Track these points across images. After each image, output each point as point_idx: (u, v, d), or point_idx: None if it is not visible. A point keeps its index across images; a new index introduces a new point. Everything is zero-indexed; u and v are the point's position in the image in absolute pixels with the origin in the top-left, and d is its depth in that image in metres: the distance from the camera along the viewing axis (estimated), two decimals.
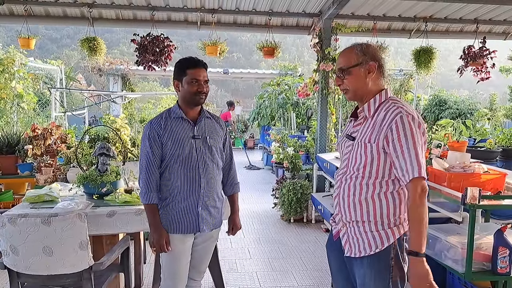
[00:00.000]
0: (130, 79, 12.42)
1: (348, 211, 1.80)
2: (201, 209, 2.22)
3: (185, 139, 2.19)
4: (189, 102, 2.22)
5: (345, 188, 1.81)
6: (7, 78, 6.93)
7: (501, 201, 2.50)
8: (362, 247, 1.77)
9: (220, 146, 2.34)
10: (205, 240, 2.32)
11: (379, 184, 1.74)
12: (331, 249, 2.00)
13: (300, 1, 4.94)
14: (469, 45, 5.52)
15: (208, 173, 2.24)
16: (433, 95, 11.62)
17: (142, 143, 2.21)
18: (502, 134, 5.19)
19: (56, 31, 32.72)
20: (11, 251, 2.22)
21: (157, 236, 2.14)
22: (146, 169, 2.16)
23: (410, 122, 1.66)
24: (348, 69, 1.78)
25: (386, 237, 1.73)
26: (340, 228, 1.87)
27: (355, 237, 1.79)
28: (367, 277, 1.77)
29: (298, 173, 5.79)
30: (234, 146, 13.24)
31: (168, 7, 5.11)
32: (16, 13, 5.24)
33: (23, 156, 4.38)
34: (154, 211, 2.17)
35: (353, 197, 1.78)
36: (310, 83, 5.55)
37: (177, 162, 2.17)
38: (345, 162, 1.84)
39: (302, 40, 32.96)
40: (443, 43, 24.08)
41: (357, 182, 1.77)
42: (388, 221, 1.74)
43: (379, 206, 1.74)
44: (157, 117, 2.25)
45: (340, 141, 1.95)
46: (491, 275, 2.39)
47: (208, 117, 2.33)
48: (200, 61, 2.23)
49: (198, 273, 2.40)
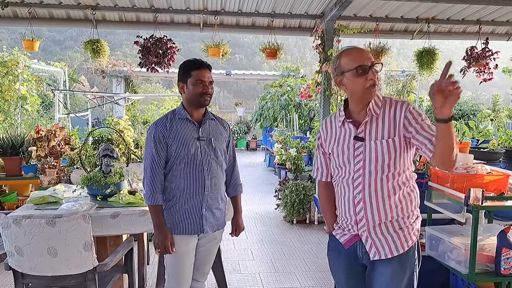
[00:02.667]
0: (133, 80, 12.47)
1: (378, 214, 1.76)
2: (205, 211, 2.23)
3: (190, 141, 2.20)
4: (194, 104, 2.22)
5: (371, 192, 1.76)
6: (11, 80, 6.96)
7: (504, 202, 2.50)
8: (394, 247, 1.77)
9: (224, 147, 2.35)
10: (209, 242, 2.33)
11: (402, 182, 1.79)
12: (338, 258, 1.93)
13: (303, 3, 4.95)
14: (472, 46, 5.51)
15: (212, 175, 2.25)
16: None
17: (147, 144, 2.21)
18: (505, 135, 5.18)
19: (59, 33, 32.82)
20: (16, 252, 2.24)
21: (162, 238, 2.14)
22: (150, 170, 2.16)
23: (415, 107, 1.77)
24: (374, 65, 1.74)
25: (413, 231, 1.81)
26: (361, 233, 1.81)
27: (383, 238, 1.77)
28: (395, 275, 1.78)
29: (301, 174, 5.79)
30: (237, 148, 13.26)
31: (171, 9, 5.13)
32: (20, 15, 5.28)
33: (27, 157, 4.40)
34: (159, 213, 2.17)
35: (382, 200, 1.76)
36: (312, 84, 5.55)
37: (182, 163, 2.18)
38: (360, 164, 1.78)
39: (304, 41, 32.95)
40: (445, 44, 23.98)
41: (384, 184, 1.75)
42: (412, 215, 1.82)
43: (405, 203, 1.79)
44: (162, 118, 2.25)
45: (338, 145, 1.85)
46: (494, 276, 2.39)
47: (212, 118, 2.33)
48: (204, 62, 2.23)
49: (202, 274, 2.40)
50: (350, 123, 1.82)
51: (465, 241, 2.46)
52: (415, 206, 1.84)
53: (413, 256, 1.81)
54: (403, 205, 1.78)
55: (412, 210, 1.82)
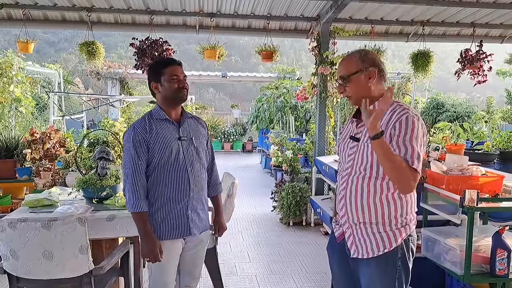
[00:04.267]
0: (128, 82, 12.43)
1: (356, 212, 1.81)
2: (190, 212, 2.18)
3: (171, 141, 2.14)
4: (172, 100, 2.16)
5: (352, 189, 1.82)
6: (5, 82, 6.91)
7: (499, 204, 2.51)
8: (370, 248, 1.79)
9: (204, 146, 2.31)
10: (196, 245, 2.28)
11: (386, 186, 1.77)
12: (333, 251, 2.01)
13: (299, 5, 4.96)
14: (466, 49, 5.56)
15: (196, 175, 2.20)
16: (430, 98, 11.68)
17: (126, 149, 2.11)
18: (499, 137, 5.22)
19: (54, 34, 32.66)
20: (11, 255, 2.22)
21: (151, 246, 2.06)
22: (132, 175, 2.07)
23: (414, 121, 1.72)
24: (348, 77, 1.84)
25: (394, 238, 1.77)
26: (345, 230, 1.89)
27: (363, 238, 1.82)
28: (373, 277, 1.80)
29: (297, 176, 5.80)
30: (233, 149, 13.25)
31: (167, 11, 5.13)
32: (14, 17, 5.25)
33: (22, 160, 4.37)
34: (145, 220, 2.08)
35: (361, 198, 1.80)
36: (308, 86, 5.57)
37: (165, 165, 2.12)
38: (350, 163, 1.86)
39: (299, 43, 33.01)
40: (440, 46, 24.20)
41: (365, 184, 1.79)
42: (396, 222, 1.78)
43: (387, 208, 1.78)
44: (140, 121, 2.16)
45: (341, 142, 1.97)
46: (489, 277, 2.40)
47: (190, 117, 2.29)
48: (175, 59, 2.20)
49: (193, 279, 2.36)
50: (354, 122, 1.90)
51: (460, 242, 2.46)
52: (402, 214, 1.80)
53: (394, 263, 1.79)
54: (384, 209, 1.78)
55: (396, 217, 1.79)
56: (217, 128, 13.31)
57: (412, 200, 1.84)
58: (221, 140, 13.17)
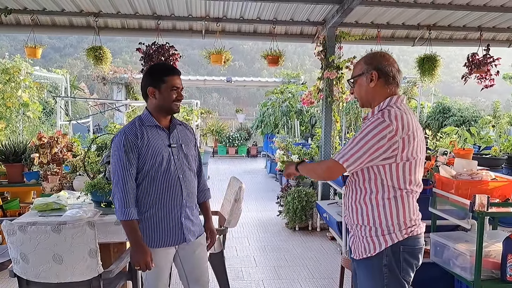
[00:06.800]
0: (134, 87, 12.48)
1: (350, 213, 1.91)
2: (184, 219, 2.17)
3: (162, 148, 2.11)
4: (165, 110, 2.14)
5: (347, 191, 1.93)
6: (13, 87, 6.97)
7: (510, 208, 2.50)
8: (360, 250, 1.86)
9: (193, 152, 2.29)
10: (196, 249, 2.27)
11: (360, 190, 1.84)
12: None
13: (304, 10, 4.98)
14: (473, 53, 5.53)
15: (187, 182, 2.18)
16: (436, 102, 11.62)
17: (116, 154, 2.05)
18: (507, 142, 5.19)
19: (59, 40, 32.92)
20: (21, 259, 2.23)
21: (143, 255, 2.03)
22: (123, 182, 2.02)
23: (375, 123, 1.73)
24: (354, 79, 1.93)
25: (378, 243, 1.80)
26: (349, 229, 1.98)
27: (356, 239, 1.90)
28: (363, 278, 1.88)
29: (303, 180, 5.78)
30: (238, 154, 13.25)
31: (173, 16, 5.16)
32: (22, 22, 5.30)
33: (30, 164, 4.41)
34: (135, 228, 2.03)
35: (351, 200, 1.89)
36: (314, 91, 5.57)
37: (157, 172, 2.09)
38: None
39: (303, 48, 33.07)
40: (445, 50, 24.16)
41: (353, 185, 1.88)
42: (382, 230, 1.79)
43: (370, 210, 1.80)
44: (130, 126, 2.10)
45: None
46: (500, 282, 2.39)
47: (179, 124, 2.27)
48: (175, 68, 2.20)
49: (203, 284, 2.33)
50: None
51: (470, 247, 2.45)
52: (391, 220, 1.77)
53: (379, 269, 1.79)
54: (358, 212, 1.85)
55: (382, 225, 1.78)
56: (221, 132, 13.33)
57: (401, 209, 1.78)
58: (226, 144, 13.17)
